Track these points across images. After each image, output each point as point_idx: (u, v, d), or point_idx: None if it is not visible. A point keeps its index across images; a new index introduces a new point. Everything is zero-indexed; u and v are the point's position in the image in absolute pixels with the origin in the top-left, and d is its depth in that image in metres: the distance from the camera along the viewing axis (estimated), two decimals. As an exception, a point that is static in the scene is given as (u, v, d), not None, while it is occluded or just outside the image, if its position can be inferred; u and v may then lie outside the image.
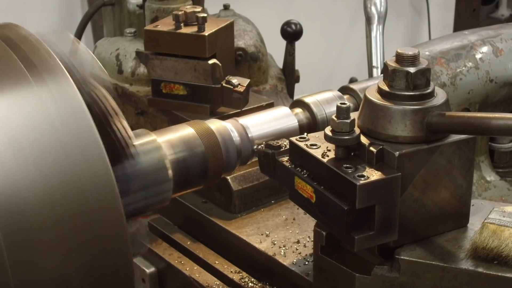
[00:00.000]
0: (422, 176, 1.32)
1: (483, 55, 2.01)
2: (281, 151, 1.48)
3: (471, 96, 1.99)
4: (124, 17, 2.58)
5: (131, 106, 2.24)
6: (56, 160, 1.13)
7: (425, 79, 1.34)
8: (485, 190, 2.15)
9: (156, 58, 2.00)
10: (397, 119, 1.32)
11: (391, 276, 1.34)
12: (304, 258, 1.63)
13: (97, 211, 1.15)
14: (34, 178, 1.11)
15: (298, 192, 1.40)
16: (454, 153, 1.34)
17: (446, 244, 1.36)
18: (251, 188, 1.87)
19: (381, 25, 2.23)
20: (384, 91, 1.35)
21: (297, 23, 2.59)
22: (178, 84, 1.99)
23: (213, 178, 1.55)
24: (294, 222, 1.78)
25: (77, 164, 1.13)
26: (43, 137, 1.13)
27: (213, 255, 1.79)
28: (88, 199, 1.14)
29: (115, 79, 2.31)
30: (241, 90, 1.91)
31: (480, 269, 1.29)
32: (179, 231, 1.91)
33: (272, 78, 2.51)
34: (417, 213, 1.34)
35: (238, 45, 2.35)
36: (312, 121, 1.71)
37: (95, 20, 3.36)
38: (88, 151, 1.15)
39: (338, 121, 1.32)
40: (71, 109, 1.16)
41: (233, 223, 1.81)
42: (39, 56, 1.21)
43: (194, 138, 1.51)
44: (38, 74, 1.18)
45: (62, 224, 1.12)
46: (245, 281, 1.68)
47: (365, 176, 1.27)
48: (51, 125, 1.14)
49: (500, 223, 1.31)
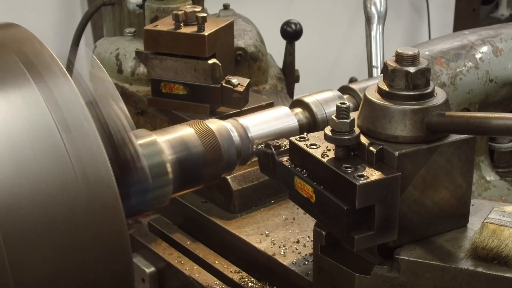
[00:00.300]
0: (422, 176, 1.32)
1: (483, 55, 2.01)
2: (281, 151, 1.48)
3: (471, 96, 1.99)
4: (124, 17, 2.58)
5: (131, 106, 2.24)
6: (56, 160, 1.13)
7: (425, 79, 1.34)
8: (485, 190, 2.15)
9: (156, 58, 2.00)
10: (397, 119, 1.32)
11: (391, 276, 1.34)
12: (304, 258, 1.63)
13: (97, 210, 1.15)
14: (33, 178, 1.11)
15: (298, 192, 1.40)
16: (454, 153, 1.34)
17: (446, 244, 1.35)
18: (251, 188, 1.87)
19: (381, 25, 2.23)
20: (384, 91, 1.35)
21: (297, 23, 2.59)
22: (178, 84, 1.99)
23: (213, 178, 1.55)
24: (294, 222, 1.78)
25: (76, 164, 1.13)
26: (43, 138, 1.13)
27: (213, 255, 1.79)
28: (88, 199, 1.14)
29: (115, 79, 2.31)
30: (241, 90, 1.91)
31: (480, 269, 1.29)
32: (179, 231, 1.91)
33: (272, 78, 2.51)
34: (417, 213, 1.34)
35: (238, 45, 2.35)
36: (312, 121, 1.71)
37: (95, 19, 3.36)
38: (89, 151, 1.15)
39: (338, 121, 1.32)
40: (71, 110, 1.16)
41: (233, 223, 1.81)
42: (40, 57, 1.21)
43: (194, 138, 1.51)
44: (39, 75, 1.18)
45: (62, 224, 1.12)
46: (245, 281, 1.68)
47: (364, 176, 1.27)
48: (51, 125, 1.14)
49: (500, 223, 1.31)
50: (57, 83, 1.18)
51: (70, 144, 1.13)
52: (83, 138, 1.15)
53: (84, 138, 1.15)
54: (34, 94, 1.16)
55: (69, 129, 1.14)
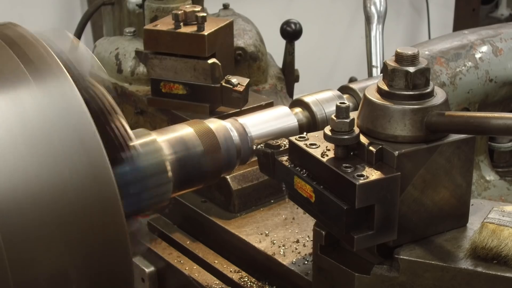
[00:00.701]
0: (421, 176, 1.32)
1: (482, 54, 2.01)
2: (280, 150, 1.48)
3: (471, 95, 1.99)
4: (123, 17, 2.58)
5: (131, 106, 2.24)
6: (55, 158, 1.12)
7: (425, 78, 1.34)
8: (484, 190, 2.15)
9: (156, 57, 2.00)
10: (397, 118, 1.32)
11: (391, 276, 1.34)
12: (303, 258, 1.63)
13: (96, 210, 1.15)
14: (32, 177, 1.11)
15: (297, 192, 1.40)
16: (454, 152, 1.34)
17: (446, 243, 1.35)
18: (251, 187, 1.87)
19: (380, 25, 2.23)
20: (383, 91, 1.35)
21: (296, 23, 2.58)
22: (177, 84, 1.99)
23: (212, 177, 1.55)
24: (294, 221, 1.78)
25: (76, 162, 1.13)
26: (41, 135, 1.13)
27: (213, 255, 1.79)
28: (87, 198, 1.14)
29: (114, 79, 2.31)
30: (240, 90, 1.91)
31: (480, 268, 1.29)
32: (179, 231, 1.91)
33: (272, 77, 2.51)
34: (416, 212, 1.34)
35: (238, 45, 2.35)
36: (311, 120, 1.71)
37: (95, 19, 3.36)
38: (88, 149, 1.15)
39: (338, 121, 1.32)
40: (69, 106, 1.16)
41: (232, 222, 1.81)
42: (37, 53, 1.21)
43: (193, 137, 1.51)
44: (36, 71, 1.18)
45: (61, 223, 1.12)
46: (245, 280, 1.68)
47: (364, 175, 1.27)
48: (49, 123, 1.14)
49: (500, 223, 1.31)
50: (57, 82, 1.18)
51: (68, 139, 1.13)
52: (82, 137, 1.15)
53: (84, 137, 1.15)
54: (30, 88, 1.16)
55: (67, 123, 1.14)
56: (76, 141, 1.14)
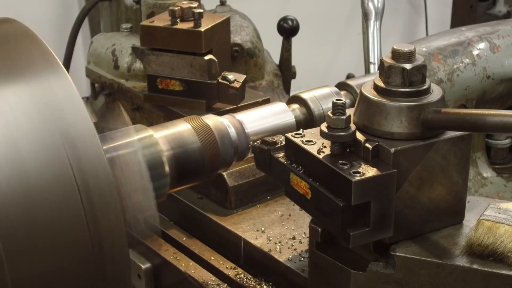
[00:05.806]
0: (417, 173, 1.32)
1: (480, 51, 2.01)
2: (276, 147, 1.48)
3: (468, 92, 1.99)
4: (121, 13, 2.58)
5: (127, 102, 2.23)
6: (53, 155, 1.12)
7: (421, 75, 1.33)
8: (481, 187, 2.16)
9: (152, 53, 1.99)
10: (393, 115, 1.32)
11: (387, 273, 1.34)
12: (299, 254, 1.63)
13: (94, 206, 1.15)
14: (31, 174, 1.11)
15: (293, 188, 1.40)
16: (450, 149, 1.34)
17: (442, 240, 1.35)
18: (247, 184, 1.86)
19: (378, 21, 2.23)
20: (380, 88, 1.34)
21: (293, 19, 2.58)
22: (174, 80, 1.98)
23: (210, 173, 1.55)
24: (290, 218, 1.78)
25: (74, 160, 1.13)
26: (40, 132, 1.13)
27: (209, 251, 1.79)
28: (86, 194, 1.14)
29: (111, 75, 2.30)
30: (237, 86, 1.91)
31: (475, 265, 1.29)
32: (175, 227, 1.91)
33: (269, 74, 2.50)
34: (412, 209, 1.34)
35: (235, 41, 2.35)
36: (309, 116, 1.71)
37: (92, 15, 3.36)
38: (86, 147, 1.15)
39: (334, 117, 1.32)
40: (68, 104, 1.16)
41: (228, 219, 1.81)
42: (36, 51, 1.21)
43: (191, 133, 1.51)
44: (35, 68, 1.18)
45: (59, 219, 1.12)
46: (241, 277, 1.68)
47: (360, 172, 1.27)
48: (48, 120, 1.14)
49: (496, 220, 1.31)
50: (54, 79, 1.18)
51: (67, 137, 1.14)
52: (82, 137, 1.15)
53: (83, 137, 1.15)
54: (31, 91, 1.16)
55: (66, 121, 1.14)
56: (74, 138, 1.14)
